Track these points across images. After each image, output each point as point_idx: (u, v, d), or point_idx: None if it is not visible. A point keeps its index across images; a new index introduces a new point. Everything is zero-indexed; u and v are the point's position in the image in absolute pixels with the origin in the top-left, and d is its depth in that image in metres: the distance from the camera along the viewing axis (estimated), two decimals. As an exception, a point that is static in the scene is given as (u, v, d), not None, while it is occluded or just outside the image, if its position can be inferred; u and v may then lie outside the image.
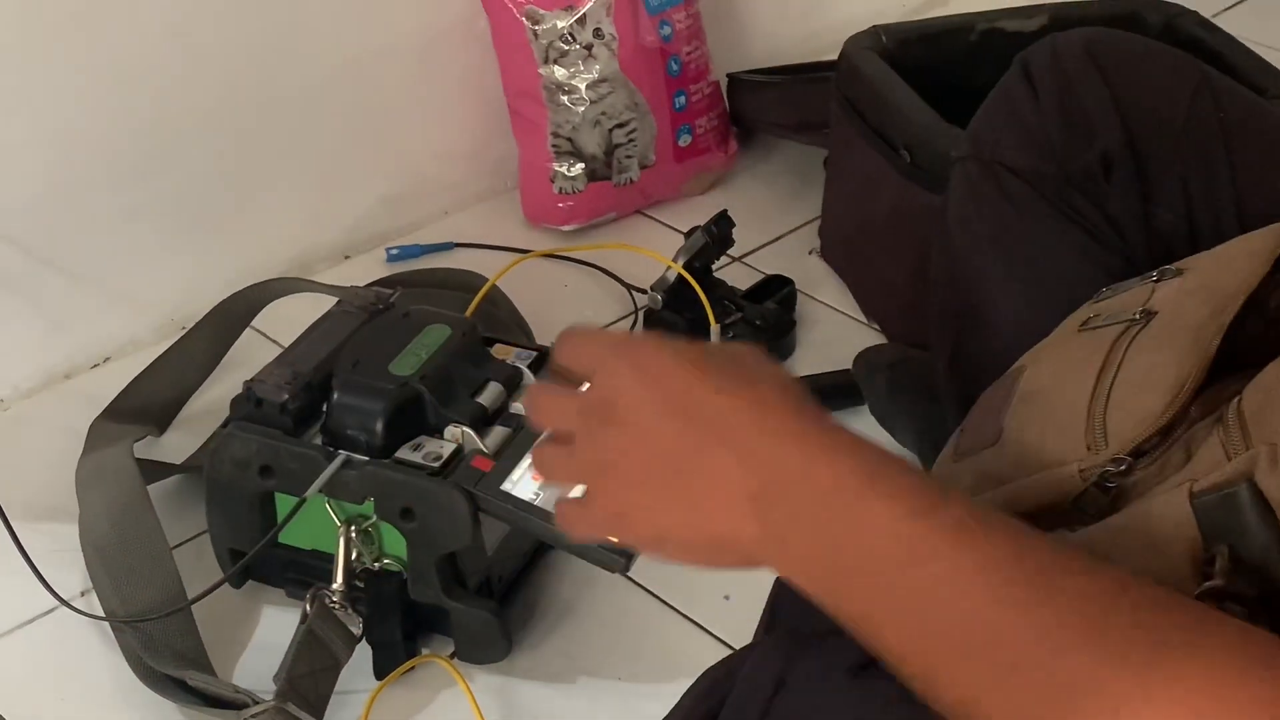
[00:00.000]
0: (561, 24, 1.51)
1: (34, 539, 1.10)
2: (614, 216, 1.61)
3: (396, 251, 1.55)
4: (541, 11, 1.51)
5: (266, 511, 1.08)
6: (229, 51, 1.41)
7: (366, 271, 1.49)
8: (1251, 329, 0.77)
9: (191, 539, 1.18)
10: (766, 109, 1.68)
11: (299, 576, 1.10)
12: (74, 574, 1.14)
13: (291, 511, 1.05)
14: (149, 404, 1.29)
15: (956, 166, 1.09)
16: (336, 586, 1.05)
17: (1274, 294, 0.79)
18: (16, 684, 1.10)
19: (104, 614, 1.09)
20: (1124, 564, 0.71)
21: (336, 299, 1.19)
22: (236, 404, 1.09)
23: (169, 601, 1.07)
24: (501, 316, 1.36)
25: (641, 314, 1.43)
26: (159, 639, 1.06)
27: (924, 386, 1.17)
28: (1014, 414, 0.81)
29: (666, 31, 1.57)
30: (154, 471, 1.21)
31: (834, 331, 1.44)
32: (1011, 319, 1.01)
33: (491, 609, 1.08)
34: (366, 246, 1.57)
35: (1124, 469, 0.73)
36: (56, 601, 1.10)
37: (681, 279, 1.37)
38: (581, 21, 1.51)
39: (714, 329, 1.34)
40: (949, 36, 1.52)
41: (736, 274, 1.49)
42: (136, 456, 1.17)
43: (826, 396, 1.33)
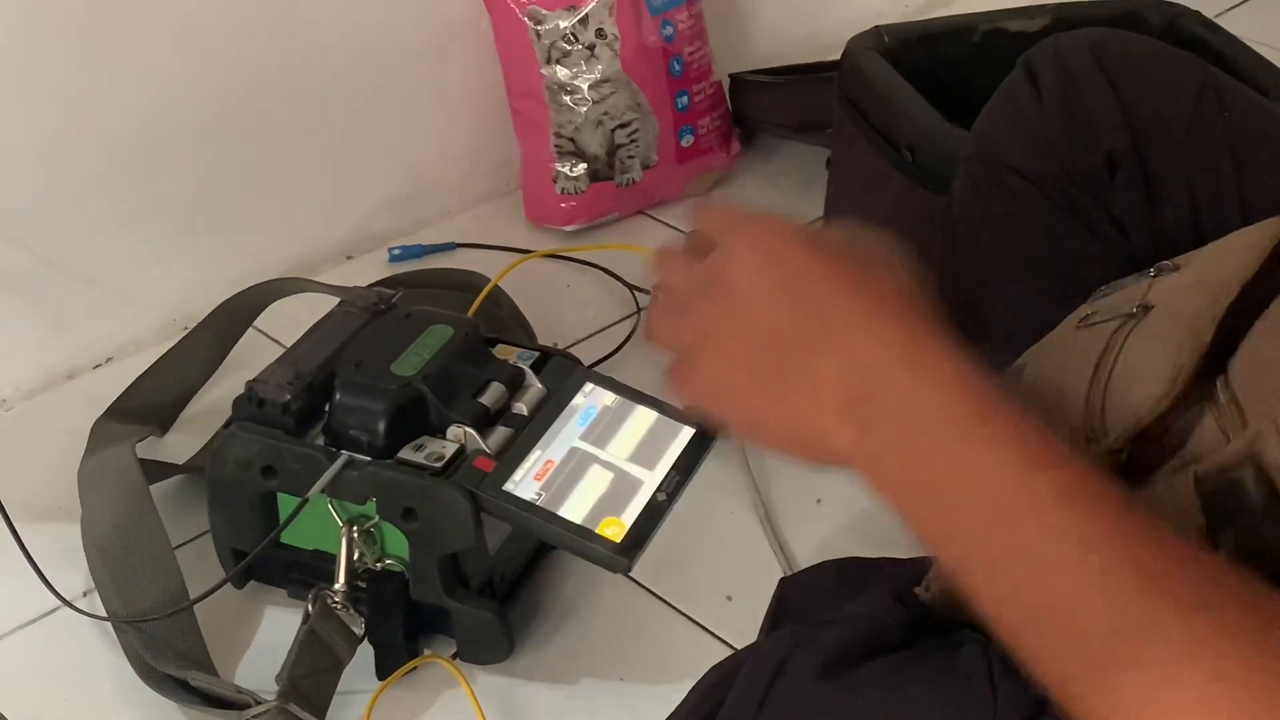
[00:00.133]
0: (564, 24, 1.51)
1: (36, 539, 1.09)
2: (616, 217, 1.60)
3: (398, 252, 1.55)
4: (544, 12, 1.51)
5: (268, 512, 1.08)
6: (231, 52, 1.41)
7: (368, 272, 1.49)
8: (1249, 322, 0.77)
9: (193, 539, 1.17)
10: (769, 109, 1.68)
11: (301, 577, 1.10)
12: (76, 574, 1.14)
13: (294, 512, 1.05)
14: (151, 404, 1.28)
15: (960, 166, 1.09)
16: (339, 587, 1.05)
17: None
18: (18, 684, 1.10)
19: (106, 614, 1.09)
20: None
21: (338, 299, 1.19)
22: (238, 404, 1.09)
23: (171, 602, 1.07)
24: (504, 317, 1.36)
25: (644, 314, 1.43)
26: (161, 639, 1.06)
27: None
28: (1016, 410, 0.81)
29: (669, 32, 1.57)
30: (156, 472, 1.21)
31: (836, 332, 1.44)
32: (1015, 319, 1.01)
33: (493, 609, 1.08)
34: (368, 247, 1.57)
35: (1125, 456, 0.73)
36: (59, 601, 1.10)
37: (684, 279, 1.37)
38: (584, 22, 1.51)
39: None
40: (951, 37, 1.52)
41: (739, 274, 1.48)
42: (139, 457, 1.17)
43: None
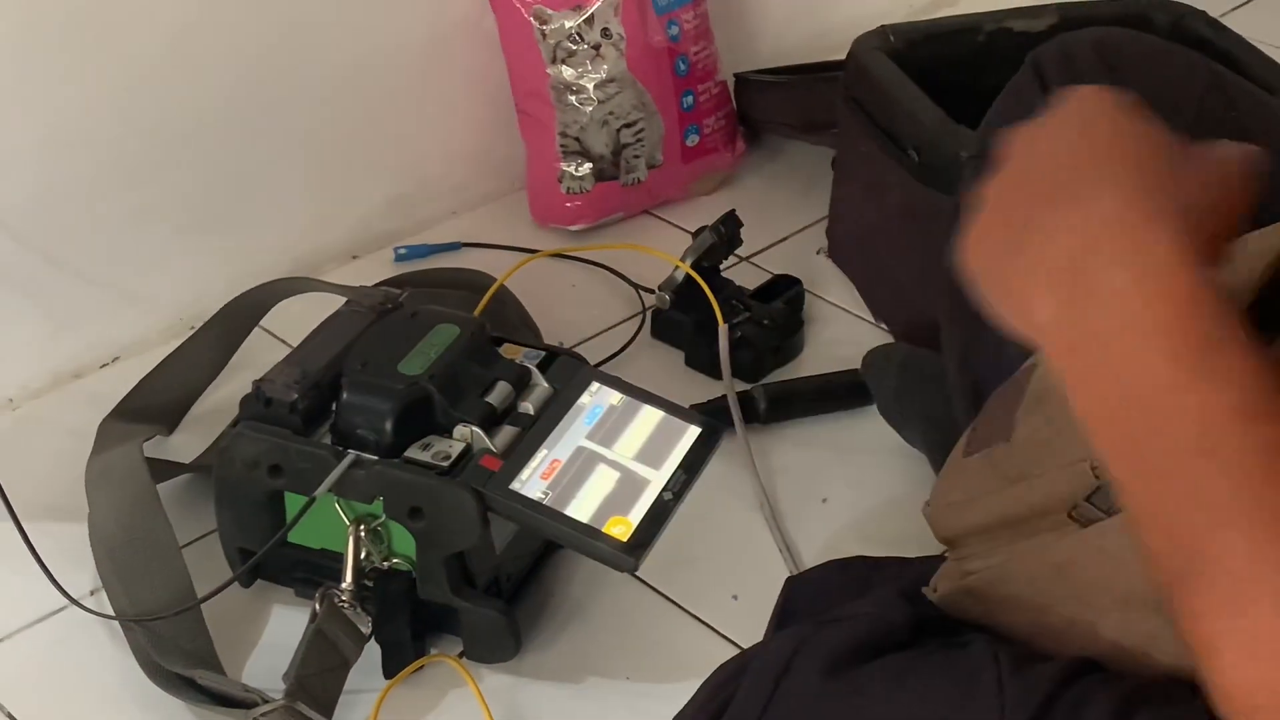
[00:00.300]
0: (569, 24, 1.51)
1: (43, 538, 1.10)
2: (621, 216, 1.61)
3: (404, 251, 1.55)
4: (549, 11, 1.51)
5: (275, 511, 1.08)
6: (237, 51, 1.41)
7: (374, 271, 1.49)
8: (1264, 326, 0.77)
9: (200, 538, 1.17)
10: (774, 109, 1.68)
11: (308, 576, 1.11)
12: (83, 573, 1.14)
13: (301, 511, 1.05)
14: (158, 403, 1.29)
15: (968, 166, 1.09)
16: (345, 586, 1.05)
17: None
18: (26, 682, 1.10)
19: (113, 613, 1.09)
20: (1135, 557, 0.71)
21: (345, 299, 1.19)
22: (246, 403, 1.09)
23: (178, 600, 1.07)
24: (509, 316, 1.37)
25: (649, 313, 1.44)
26: (168, 638, 1.06)
27: (933, 386, 1.17)
28: (1026, 411, 0.80)
29: (674, 31, 1.57)
30: (163, 471, 1.21)
31: (842, 331, 1.44)
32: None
33: (500, 608, 1.08)
34: (374, 246, 1.57)
35: None
36: (66, 600, 1.10)
37: (689, 279, 1.37)
38: (589, 21, 1.51)
39: (722, 329, 1.34)
40: (957, 36, 1.52)
41: (744, 274, 1.48)
42: (146, 456, 1.17)
43: (835, 397, 1.34)
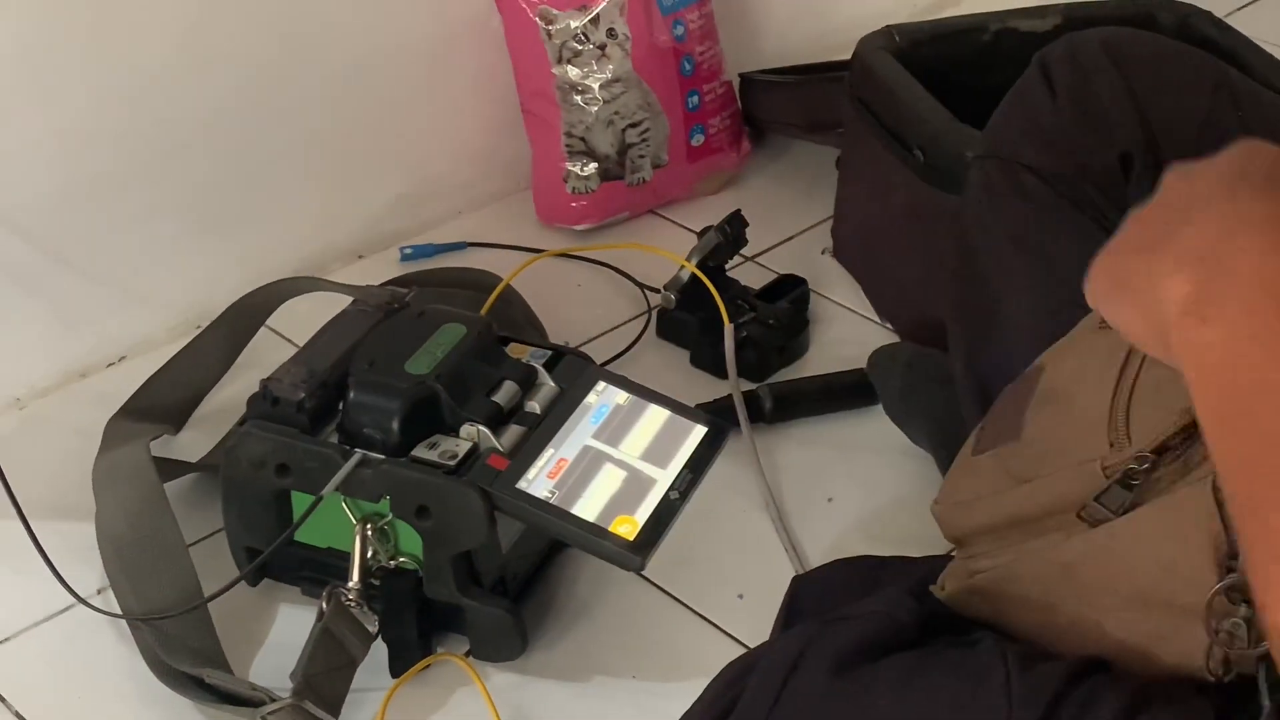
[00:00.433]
0: (575, 24, 1.51)
1: (50, 537, 1.10)
2: (627, 216, 1.61)
3: (410, 251, 1.55)
4: (555, 11, 1.51)
5: (282, 510, 1.08)
6: (243, 51, 1.41)
7: (380, 271, 1.50)
8: None
9: (207, 537, 1.18)
10: (779, 109, 1.68)
11: (315, 575, 1.11)
12: (91, 572, 1.14)
13: (308, 510, 1.05)
14: (165, 402, 1.29)
15: (974, 166, 1.09)
16: (352, 584, 1.05)
17: None
18: (33, 681, 1.10)
19: (121, 611, 1.09)
20: (1143, 557, 0.71)
21: (351, 298, 1.19)
22: (253, 402, 1.09)
23: (185, 599, 1.08)
24: (516, 315, 1.37)
25: (655, 313, 1.44)
26: (175, 636, 1.07)
27: (939, 386, 1.17)
28: (1035, 411, 0.81)
29: (680, 31, 1.57)
30: (170, 470, 1.21)
31: (847, 331, 1.44)
32: (1030, 318, 1.01)
33: (506, 607, 1.08)
34: (380, 246, 1.57)
35: (1147, 466, 0.73)
36: (73, 599, 1.10)
37: (695, 278, 1.38)
38: (595, 21, 1.51)
39: (728, 328, 1.34)
40: (962, 36, 1.52)
41: (749, 273, 1.49)
42: (152, 455, 1.18)
43: (840, 396, 1.34)
